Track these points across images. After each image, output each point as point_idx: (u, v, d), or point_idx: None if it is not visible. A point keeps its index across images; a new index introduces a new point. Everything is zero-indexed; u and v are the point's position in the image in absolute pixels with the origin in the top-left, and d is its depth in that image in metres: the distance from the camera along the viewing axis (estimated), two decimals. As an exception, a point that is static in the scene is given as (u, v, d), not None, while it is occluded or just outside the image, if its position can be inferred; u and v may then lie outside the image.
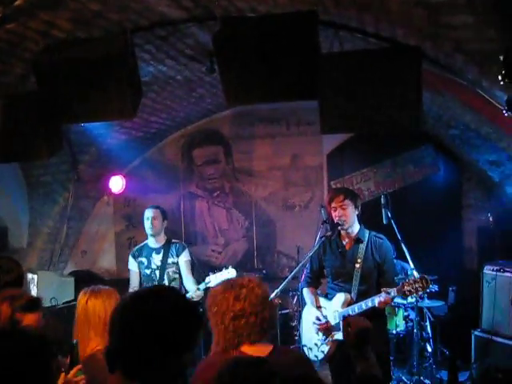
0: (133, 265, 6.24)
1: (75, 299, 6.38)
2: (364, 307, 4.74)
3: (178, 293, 2.19)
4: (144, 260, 6.17)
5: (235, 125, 8.42)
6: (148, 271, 6.13)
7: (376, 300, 4.68)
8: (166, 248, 6.15)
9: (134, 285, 6.18)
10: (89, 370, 3.19)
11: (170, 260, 6.10)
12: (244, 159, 8.48)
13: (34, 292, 6.53)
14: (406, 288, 4.60)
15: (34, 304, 3.49)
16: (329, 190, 5.88)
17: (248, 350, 2.78)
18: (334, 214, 4.98)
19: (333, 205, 4.98)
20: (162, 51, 5.29)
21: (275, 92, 3.91)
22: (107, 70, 3.97)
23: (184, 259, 6.13)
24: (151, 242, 6.20)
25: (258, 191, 8.49)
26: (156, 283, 6.00)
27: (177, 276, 6.11)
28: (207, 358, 2.91)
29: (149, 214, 6.13)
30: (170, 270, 6.10)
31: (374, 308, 4.72)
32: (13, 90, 4.87)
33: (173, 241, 6.26)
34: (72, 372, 3.09)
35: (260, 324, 2.82)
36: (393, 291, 4.64)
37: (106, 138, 6.95)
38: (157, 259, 6.12)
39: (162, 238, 6.21)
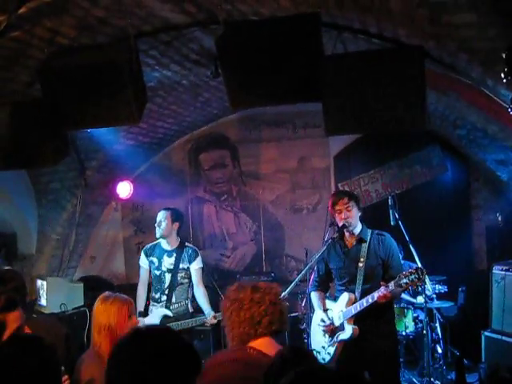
0: (144, 261, 6.12)
1: (84, 305, 6.48)
2: (365, 304, 4.76)
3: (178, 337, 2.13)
4: (155, 260, 6.02)
5: (241, 128, 8.44)
6: (158, 272, 5.98)
7: (375, 295, 4.69)
8: (178, 252, 5.98)
9: (143, 281, 6.13)
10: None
11: (181, 265, 5.95)
12: (251, 163, 8.49)
13: (43, 298, 6.57)
14: (403, 280, 4.61)
15: (11, 303, 3.51)
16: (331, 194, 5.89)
17: (260, 345, 2.77)
18: (339, 217, 5.02)
19: (337, 207, 5.01)
20: (167, 56, 5.32)
21: (279, 94, 3.91)
22: (112, 76, 3.97)
23: (196, 267, 5.99)
24: (163, 244, 6.03)
25: (265, 194, 8.49)
26: (165, 286, 5.90)
27: (185, 281, 5.97)
28: (219, 354, 2.91)
29: (157, 217, 6.00)
30: (179, 275, 5.94)
31: (379, 304, 4.72)
32: (18, 98, 4.90)
33: (186, 244, 6.08)
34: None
35: (279, 313, 2.86)
36: (391, 284, 4.66)
37: (113, 144, 6.96)
38: (168, 262, 5.96)
39: (175, 241, 6.02)
